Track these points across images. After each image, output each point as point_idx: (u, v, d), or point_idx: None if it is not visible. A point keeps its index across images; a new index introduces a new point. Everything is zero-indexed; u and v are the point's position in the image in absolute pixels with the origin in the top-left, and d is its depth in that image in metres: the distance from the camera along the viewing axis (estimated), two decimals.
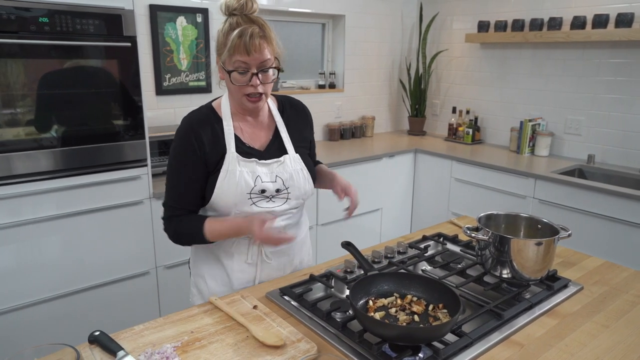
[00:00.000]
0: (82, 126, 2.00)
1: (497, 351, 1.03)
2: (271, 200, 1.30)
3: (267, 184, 1.28)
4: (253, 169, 1.27)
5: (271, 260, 1.35)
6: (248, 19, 1.18)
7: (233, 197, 1.25)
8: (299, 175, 1.33)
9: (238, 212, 1.28)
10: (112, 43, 1.98)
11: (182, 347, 1.00)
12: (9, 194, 1.87)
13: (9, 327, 1.98)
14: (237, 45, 1.15)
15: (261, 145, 1.33)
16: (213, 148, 1.26)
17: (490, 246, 1.28)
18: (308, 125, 1.44)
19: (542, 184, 2.64)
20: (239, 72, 1.19)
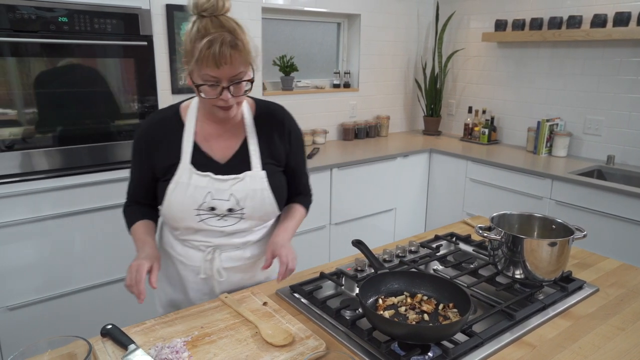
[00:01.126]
0: (99, 124, 2.04)
1: (508, 352, 1.02)
2: (222, 219, 1.20)
3: (218, 202, 1.17)
4: (205, 183, 1.17)
5: (223, 277, 1.25)
6: (218, 23, 1.04)
7: (180, 211, 1.17)
8: (257, 196, 1.20)
9: (186, 227, 1.20)
10: (129, 42, 2.01)
11: (192, 341, 1.02)
12: (28, 190, 1.92)
13: (24, 320, 2.02)
14: (205, 57, 1.02)
15: (223, 157, 1.21)
16: (165, 155, 1.19)
17: (502, 246, 1.27)
18: (284, 138, 1.27)
19: (559, 184, 2.59)
20: (208, 86, 1.07)
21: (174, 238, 1.29)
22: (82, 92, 1.97)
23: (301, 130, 1.34)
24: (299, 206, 1.36)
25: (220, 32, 1.03)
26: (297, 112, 3.34)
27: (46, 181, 1.95)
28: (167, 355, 0.95)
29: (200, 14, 1.06)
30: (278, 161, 1.27)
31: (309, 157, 2.90)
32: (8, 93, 1.81)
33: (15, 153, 1.87)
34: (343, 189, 2.89)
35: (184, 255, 1.27)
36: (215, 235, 1.23)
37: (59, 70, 1.90)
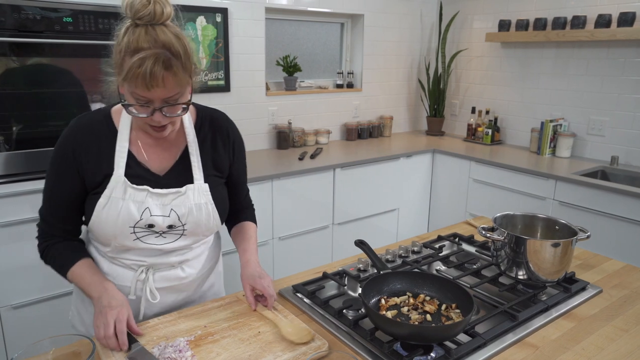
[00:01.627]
0: None
1: (510, 352, 1.01)
2: (161, 236, 1.09)
3: (157, 219, 1.07)
4: (142, 198, 1.05)
5: (157, 299, 1.13)
6: (153, 36, 0.92)
7: (112, 229, 1.05)
8: (201, 211, 1.11)
9: (118, 245, 1.09)
10: None
11: (195, 340, 1.02)
12: (33, 189, 1.93)
13: (28, 319, 2.04)
14: (134, 76, 0.91)
15: (161, 169, 1.11)
16: (96, 166, 1.05)
17: (506, 247, 1.26)
18: (228, 148, 1.19)
19: (562, 185, 2.59)
20: (139, 105, 0.97)
21: (100, 255, 1.15)
22: (87, 91, 1.98)
23: (241, 137, 1.25)
24: (249, 224, 1.31)
25: (153, 49, 0.92)
26: (300, 112, 3.37)
27: None
28: (170, 354, 0.96)
29: (134, 21, 0.94)
30: (221, 172, 1.19)
31: (312, 157, 2.91)
32: (14, 93, 1.82)
33: (22, 152, 1.88)
34: (346, 189, 2.89)
35: (112, 274, 1.13)
36: (151, 253, 1.12)
37: (63, 70, 1.91)
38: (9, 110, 1.83)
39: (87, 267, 1.09)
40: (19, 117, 1.86)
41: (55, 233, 1.12)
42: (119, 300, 1.02)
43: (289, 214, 2.66)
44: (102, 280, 1.07)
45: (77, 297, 1.21)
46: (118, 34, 0.96)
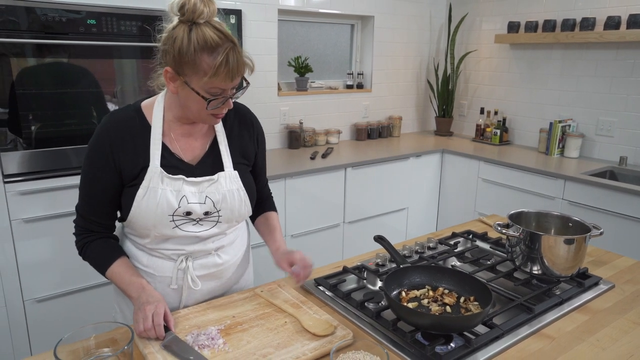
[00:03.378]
0: None
1: (527, 343, 1.06)
2: (198, 224, 1.14)
3: (194, 206, 1.11)
4: (179, 187, 1.10)
5: (199, 286, 1.19)
6: (218, 31, 0.99)
7: (152, 218, 1.09)
8: (233, 197, 1.16)
9: (158, 234, 1.13)
10: (154, 44, 2.06)
11: (225, 329, 1.07)
12: (59, 186, 1.98)
13: (52, 312, 2.09)
14: (223, 73, 0.99)
15: (193, 159, 1.15)
16: (132, 159, 1.09)
17: (521, 243, 1.30)
18: (253, 139, 1.26)
19: (571, 185, 2.62)
20: (213, 97, 1.03)
21: (138, 249, 1.19)
22: (108, 92, 2.03)
23: (264, 131, 1.33)
24: (272, 213, 1.37)
25: (227, 43, 1.00)
26: (311, 112, 3.42)
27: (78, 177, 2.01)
28: (203, 342, 1.00)
29: (195, 21, 0.99)
30: (248, 160, 1.24)
31: (323, 156, 2.95)
32: (38, 93, 1.88)
33: (44, 151, 1.94)
34: (357, 188, 2.93)
35: (152, 267, 1.18)
36: (189, 241, 1.16)
37: (86, 71, 1.97)
38: (34, 110, 1.89)
39: (125, 267, 1.14)
40: (40, 116, 1.91)
41: (92, 228, 1.16)
42: (156, 297, 1.07)
43: (301, 213, 2.71)
44: (140, 281, 1.11)
45: (118, 294, 1.25)
46: (177, 36, 1.00)
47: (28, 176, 1.92)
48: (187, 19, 1.00)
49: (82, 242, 1.16)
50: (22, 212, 1.93)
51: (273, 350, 0.99)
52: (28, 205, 1.94)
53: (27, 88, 1.86)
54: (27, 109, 1.87)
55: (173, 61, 1.02)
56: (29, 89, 1.86)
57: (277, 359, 0.96)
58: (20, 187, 1.91)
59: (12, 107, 1.84)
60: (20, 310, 2.01)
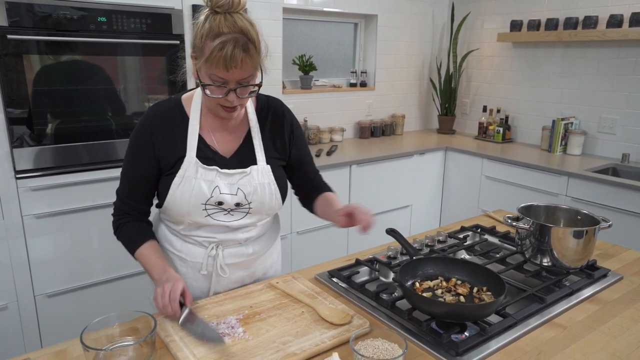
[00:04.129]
0: (134, 120, 2.12)
1: (540, 332, 1.08)
2: (229, 214, 1.18)
3: (226, 197, 1.16)
4: (212, 178, 1.15)
5: (227, 274, 1.24)
6: (232, 22, 1.01)
7: (186, 206, 1.15)
8: (264, 190, 1.20)
9: (191, 221, 1.18)
10: (163, 41, 2.09)
11: (243, 319, 1.09)
12: (73, 182, 2.00)
13: (62, 307, 2.11)
14: (216, 58, 1.00)
15: (227, 151, 1.20)
16: (171, 149, 1.15)
17: (531, 235, 1.33)
18: (286, 132, 1.27)
19: (575, 181, 2.65)
20: (215, 86, 1.06)
21: (173, 234, 1.26)
22: (118, 89, 2.05)
23: (299, 122, 1.33)
24: (331, 194, 1.37)
25: (233, 34, 1.01)
26: (315, 111, 3.44)
27: (90, 173, 2.04)
28: (223, 330, 1.02)
29: (214, 9, 1.03)
30: (281, 155, 1.27)
31: (328, 154, 2.97)
32: (50, 89, 1.90)
33: (57, 147, 1.95)
34: (361, 185, 2.96)
35: (185, 252, 1.24)
36: (220, 230, 1.21)
37: (97, 68, 1.98)
38: (45, 107, 1.91)
39: (152, 249, 1.19)
40: (54, 113, 1.93)
41: (129, 212, 1.22)
42: (175, 277, 1.11)
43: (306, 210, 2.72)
44: (164, 264, 1.16)
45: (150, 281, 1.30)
46: (198, 22, 1.05)
47: (40, 172, 1.94)
48: (210, 8, 1.04)
49: (118, 222, 1.23)
50: (33, 208, 1.95)
51: (292, 338, 1.01)
52: (40, 201, 1.96)
53: (39, 85, 1.87)
54: (39, 106, 1.89)
55: (192, 45, 1.07)
56: (40, 85, 1.87)
57: (297, 346, 0.98)
58: (31, 183, 1.92)
59: (25, 103, 1.86)
60: (31, 305, 2.03)
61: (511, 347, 1.02)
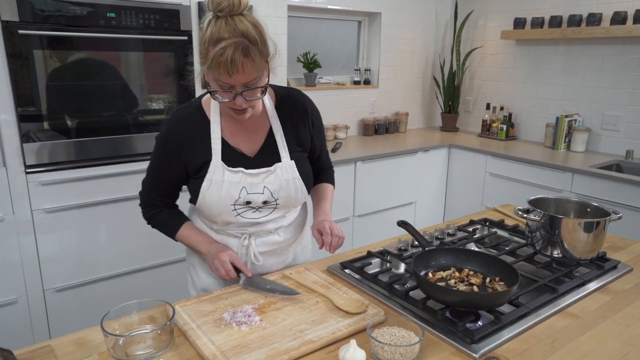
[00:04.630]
0: (142, 115, 2.13)
1: (554, 320, 1.09)
2: (257, 211, 1.23)
3: (253, 196, 1.19)
4: (238, 179, 1.18)
5: (260, 262, 1.28)
6: (233, 26, 1.00)
7: (216, 208, 1.19)
8: (289, 186, 1.22)
9: (222, 220, 1.22)
10: (171, 37, 2.09)
11: (259, 308, 1.09)
12: (82, 176, 2.01)
13: (70, 301, 2.11)
14: (217, 64, 1.00)
15: (251, 151, 1.21)
16: (196, 154, 1.18)
17: (541, 227, 1.34)
18: (308, 124, 1.28)
19: (580, 178, 2.66)
20: (222, 91, 1.06)
21: (207, 227, 1.31)
22: (127, 84, 2.06)
23: (319, 112, 1.34)
24: (327, 185, 1.41)
25: (233, 39, 0.99)
26: (319, 108, 3.38)
27: (99, 168, 2.05)
28: (240, 318, 1.03)
29: (216, 14, 1.02)
30: (304, 147, 1.28)
31: (332, 151, 2.98)
32: (60, 85, 1.91)
33: (67, 141, 1.96)
34: (366, 182, 2.97)
35: (220, 242, 1.28)
36: (250, 224, 1.26)
37: (106, 64, 1.99)
38: (55, 102, 1.91)
39: (191, 228, 1.28)
40: (64, 108, 1.94)
41: (156, 204, 1.29)
42: (223, 247, 1.22)
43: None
44: (207, 238, 1.25)
45: (189, 264, 1.39)
46: (202, 27, 1.05)
47: (49, 167, 1.94)
48: (213, 12, 1.03)
49: (150, 213, 1.29)
50: (43, 203, 1.96)
51: (309, 326, 1.02)
52: (49, 195, 1.96)
53: (49, 80, 1.88)
54: (49, 101, 1.89)
55: (199, 52, 1.08)
56: (50, 81, 1.88)
57: (314, 334, 0.99)
58: (41, 178, 1.93)
59: (35, 98, 1.86)
60: (40, 299, 2.03)
61: (526, 335, 1.03)
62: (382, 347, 0.91)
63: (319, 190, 1.40)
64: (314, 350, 0.96)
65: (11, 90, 1.81)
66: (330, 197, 1.39)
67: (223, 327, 1.02)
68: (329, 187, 1.41)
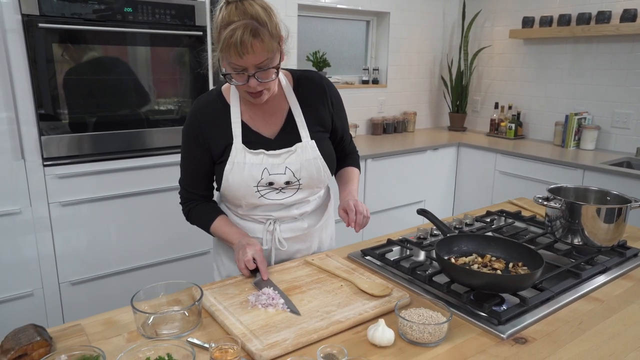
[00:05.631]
0: (157, 108, 2.14)
1: (579, 304, 1.09)
2: (281, 192, 1.23)
3: (275, 177, 1.20)
4: (260, 161, 1.19)
5: (285, 247, 1.30)
6: (242, 10, 1.03)
7: (240, 190, 1.21)
8: (311, 165, 1.22)
9: (247, 203, 1.24)
10: (186, 32, 2.11)
11: (284, 291, 1.10)
12: (100, 170, 2.03)
13: (85, 294, 2.12)
14: (228, 46, 1.02)
15: (272, 132, 1.23)
16: (218, 138, 1.21)
17: (562, 214, 1.34)
18: (327, 103, 1.28)
19: (591, 174, 2.66)
20: (236, 73, 1.08)
21: (233, 214, 1.33)
22: (142, 79, 2.08)
23: (339, 92, 1.34)
24: (353, 168, 1.41)
25: (243, 21, 1.02)
26: None
27: (115, 162, 2.07)
28: (264, 301, 1.03)
29: (226, 0, 1.05)
30: (325, 127, 1.28)
31: None
32: (78, 79, 1.92)
33: (86, 135, 1.98)
34: (376, 180, 2.97)
35: (245, 228, 1.30)
36: (275, 208, 1.27)
37: (121, 58, 2.01)
38: (73, 96, 1.93)
39: (225, 221, 1.28)
40: (82, 102, 1.95)
41: (193, 198, 1.30)
42: (254, 241, 1.20)
43: None
44: (239, 231, 1.26)
45: (215, 253, 1.41)
46: (215, 14, 1.08)
47: (66, 160, 1.96)
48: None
49: (187, 208, 1.31)
50: (60, 195, 1.97)
51: (335, 308, 1.03)
52: (66, 188, 1.97)
53: (67, 74, 1.89)
54: (67, 95, 1.91)
55: (212, 37, 1.10)
56: (68, 74, 1.90)
57: (341, 315, 1.00)
58: (58, 171, 1.94)
59: (53, 92, 1.88)
60: (56, 292, 2.04)
61: (551, 318, 1.03)
62: (410, 327, 0.92)
63: (345, 174, 1.40)
64: (342, 331, 0.96)
65: (30, 83, 1.83)
66: (356, 179, 1.39)
67: (249, 308, 1.02)
68: (354, 171, 1.41)
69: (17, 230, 1.91)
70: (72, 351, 0.82)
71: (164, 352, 0.83)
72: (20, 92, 1.82)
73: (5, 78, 1.78)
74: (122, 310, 1.02)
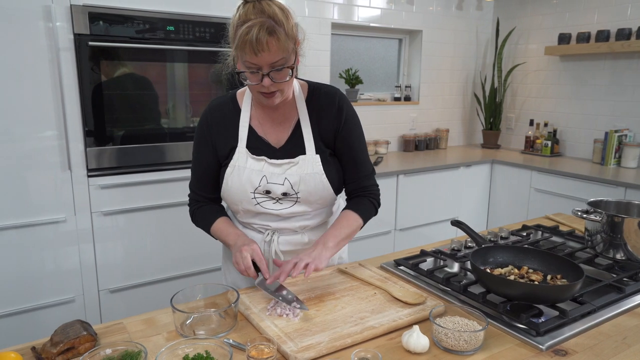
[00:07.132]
0: (195, 122, 2.23)
1: (622, 319, 1.05)
2: (278, 202, 1.21)
3: (273, 186, 1.18)
4: (261, 167, 1.18)
5: (281, 259, 1.22)
6: (259, 9, 1.02)
7: (237, 194, 1.20)
8: (311, 180, 1.18)
9: (244, 209, 1.23)
10: (224, 49, 2.19)
11: (319, 297, 1.11)
12: (142, 181, 2.11)
13: (122, 302, 2.18)
14: (243, 43, 1.01)
15: (278, 141, 1.21)
16: (224, 140, 1.21)
17: (602, 229, 1.30)
18: (335, 124, 1.22)
19: (633, 192, 2.56)
20: (250, 72, 1.06)
21: (236, 221, 1.33)
22: (184, 94, 2.17)
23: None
24: (349, 212, 1.24)
25: (259, 19, 1.01)
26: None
27: (155, 173, 2.16)
28: (280, 312, 1.02)
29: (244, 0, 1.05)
30: (328, 145, 1.23)
31: (374, 164, 3.00)
32: (122, 94, 2.03)
33: (129, 147, 2.07)
34: (408, 196, 2.95)
35: None
36: (273, 219, 1.24)
37: (165, 74, 2.11)
38: (117, 110, 2.03)
39: (225, 222, 1.26)
40: (121, 116, 2.05)
41: (200, 200, 1.30)
42: (250, 241, 1.17)
43: None
44: (237, 231, 1.23)
45: (223, 258, 1.40)
46: (234, 13, 1.07)
47: (109, 171, 2.05)
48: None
49: (192, 209, 1.31)
50: (102, 205, 2.05)
51: (369, 314, 1.03)
52: (107, 198, 2.06)
53: (112, 89, 2.00)
54: (111, 109, 2.01)
55: (230, 40, 1.10)
56: (113, 90, 2.00)
57: (375, 321, 1.00)
58: (101, 182, 2.03)
59: (98, 106, 1.98)
60: (95, 300, 2.11)
61: (593, 332, 1.00)
62: (446, 334, 0.91)
63: (342, 219, 1.23)
64: (376, 337, 0.96)
65: (79, 99, 1.94)
66: (346, 230, 1.21)
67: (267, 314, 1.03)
68: (350, 216, 1.24)
69: (61, 237, 2.00)
70: (116, 346, 0.85)
71: (202, 350, 0.85)
72: (69, 106, 1.92)
73: (57, 97, 1.89)
74: (161, 312, 1.05)
